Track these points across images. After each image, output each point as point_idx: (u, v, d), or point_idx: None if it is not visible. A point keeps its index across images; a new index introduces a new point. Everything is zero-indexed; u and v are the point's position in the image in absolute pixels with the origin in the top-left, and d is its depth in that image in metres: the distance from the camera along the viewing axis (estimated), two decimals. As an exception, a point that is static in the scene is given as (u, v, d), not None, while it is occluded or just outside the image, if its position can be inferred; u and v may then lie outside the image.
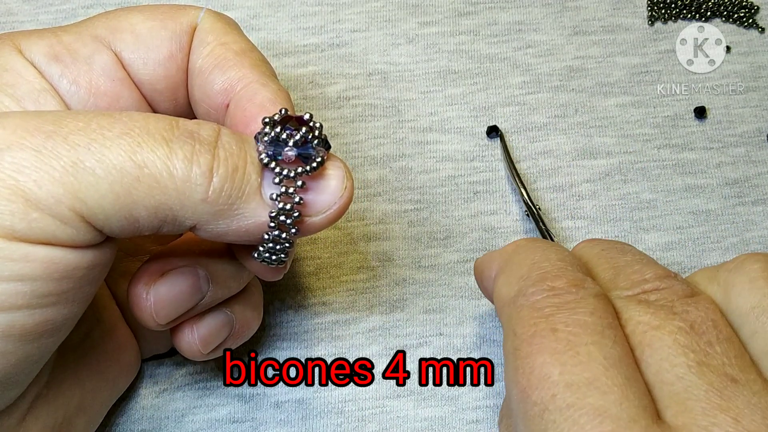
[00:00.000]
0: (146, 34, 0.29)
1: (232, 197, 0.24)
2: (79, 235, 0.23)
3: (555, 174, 0.40)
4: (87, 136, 0.23)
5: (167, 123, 0.24)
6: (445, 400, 0.35)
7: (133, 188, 0.23)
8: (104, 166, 0.22)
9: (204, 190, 0.24)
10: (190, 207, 0.24)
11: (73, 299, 0.24)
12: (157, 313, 0.28)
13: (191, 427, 0.34)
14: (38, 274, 0.22)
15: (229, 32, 0.29)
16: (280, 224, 0.25)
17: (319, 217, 0.26)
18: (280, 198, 0.25)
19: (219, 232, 0.25)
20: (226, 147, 0.24)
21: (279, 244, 0.26)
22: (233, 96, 0.28)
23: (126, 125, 0.23)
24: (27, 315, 0.23)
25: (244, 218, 0.25)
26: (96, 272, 0.24)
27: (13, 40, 0.28)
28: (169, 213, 0.24)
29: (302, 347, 0.36)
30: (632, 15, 0.44)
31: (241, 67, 0.28)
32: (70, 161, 0.22)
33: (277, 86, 0.28)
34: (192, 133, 0.24)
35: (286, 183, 0.25)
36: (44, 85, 0.28)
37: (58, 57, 0.28)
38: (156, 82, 0.29)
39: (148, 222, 0.24)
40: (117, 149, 0.23)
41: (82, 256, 0.23)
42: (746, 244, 0.38)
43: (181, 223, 0.24)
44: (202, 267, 0.29)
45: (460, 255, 0.38)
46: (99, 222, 0.23)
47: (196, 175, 0.23)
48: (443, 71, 0.42)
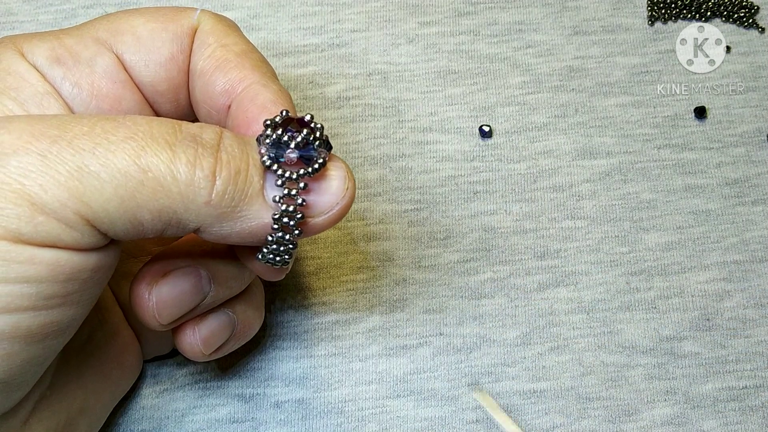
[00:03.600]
0: (147, 36, 0.29)
1: (235, 200, 0.24)
2: (84, 238, 0.23)
3: (555, 174, 0.40)
4: (91, 141, 0.23)
5: (170, 127, 0.24)
6: (445, 400, 0.35)
7: (137, 192, 0.23)
8: (109, 170, 0.23)
9: (207, 193, 0.24)
10: (193, 210, 0.24)
11: (78, 301, 0.24)
12: (160, 314, 0.28)
13: (191, 427, 0.34)
14: (44, 277, 0.22)
15: (230, 34, 0.29)
16: (284, 226, 0.25)
17: (321, 218, 0.26)
18: (283, 200, 0.25)
19: (223, 234, 0.25)
20: (228, 150, 0.24)
21: (282, 245, 0.26)
22: (235, 97, 0.28)
23: (130, 129, 0.23)
24: (32, 317, 0.23)
25: (247, 220, 0.25)
26: (101, 274, 0.24)
27: (15, 43, 0.28)
28: (173, 216, 0.24)
29: (302, 347, 0.36)
30: (632, 15, 0.44)
31: (242, 68, 0.28)
32: (75, 166, 0.22)
33: (278, 87, 0.28)
34: (195, 137, 0.24)
35: (289, 185, 0.25)
36: (47, 88, 0.28)
37: (60, 60, 0.28)
38: (157, 83, 0.29)
39: (152, 225, 0.24)
40: (121, 153, 0.23)
41: (87, 258, 0.23)
42: (746, 244, 0.38)
43: (185, 226, 0.24)
44: (204, 267, 0.29)
45: (460, 255, 0.38)
46: (104, 225, 0.23)
47: (199, 179, 0.23)
48: (443, 71, 0.42)
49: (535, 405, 0.35)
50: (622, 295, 0.37)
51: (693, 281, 0.37)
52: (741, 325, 0.37)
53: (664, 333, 0.36)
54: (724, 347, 0.36)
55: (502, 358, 0.36)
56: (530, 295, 0.37)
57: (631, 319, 0.37)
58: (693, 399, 0.35)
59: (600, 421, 0.35)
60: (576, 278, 0.37)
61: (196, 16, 0.30)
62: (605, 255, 0.38)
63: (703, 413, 0.35)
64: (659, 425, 0.35)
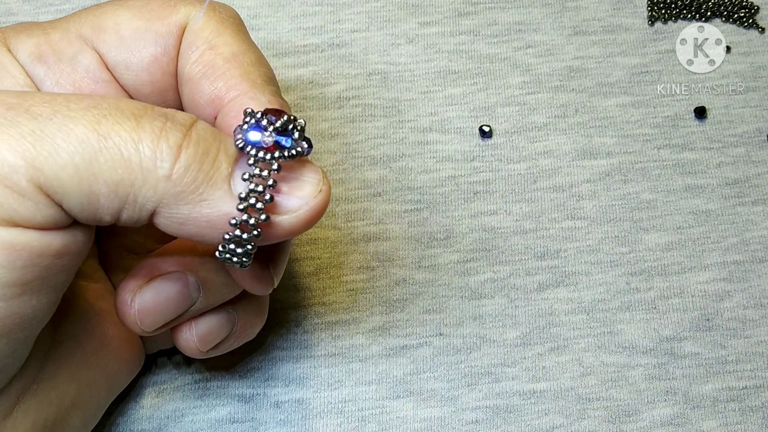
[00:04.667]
0: (130, 35, 0.28)
1: (198, 180, 0.23)
2: (40, 211, 0.22)
3: (555, 174, 0.40)
4: (51, 108, 0.22)
5: (141, 104, 0.23)
6: (445, 401, 0.35)
7: (94, 160, 0.22)
8: (65, 135, 0.21)
9: (169, 166, 0.23)
10: (152, 184, 0.22)
11: (40, 290, 0.23)
12: (142, 321, 0.27)
13: (191, 427, 0.34)
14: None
15: (222, 32, 0.28)
16: (248, 208, 0.24)
17: (287, 217, 0.24)
18: (253, 179, 0.24)
19: (180, 218, 0.23)
20: (200, 132, 0.24)
21: (241, 246, 0.25)
22: (221, 109, 0.26)
23: (94, 100, 0.23)
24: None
25: (207, 206, 0.23)
26: (65, 261, 0.23)
27: (5, 35, 0.28)
28: (131, 191, 0.22)
29: (302, 347, 0.36)
30: (632, 15, 0.44)
31: (229, 77, 0.27)
32: (29, 129, 0.21)
33: (267, 98, 0.26)
34: (166, 114, 0.23)
35: (261, 165, 0.24)
36: (28, 82, 0.27)
37: (42, 57, 0.27)
38: (141, 86, 0.28)
39: (109, 202, 0.22)
40: (81, 119, 0.22)
41: (48, 240, 0.22)
42: (746, 244, 0.38)
43: (141, 205, 0.23)
44: (193, 273, 0.28)
45: (460, 255, 0.38)
46: (58, 195, 0.22)
47: (162, 150, 0.22)
48: (443, 71, 0.42)
49: (534, 405, 0.35)
50: (622, 296, 0.37)
51: (693, 281, 0.37)
52: (741, 325, 0.37)
53: (664, 333, 0.36)
54: (724, 347, 0.36)
55: (501, 359, 0.36)
56: (530, 295, 0.37)
57: (631, 320, 0.37)
58: (693, 399, 0.35)
59: (600, 422, 0.35)
60: (576, 278, 0.37)
61: (199, 17, 0.28)
62: (605, 255, 0.38)
63: (703, 413, 0.35)
64: (659, 425, 0.35)
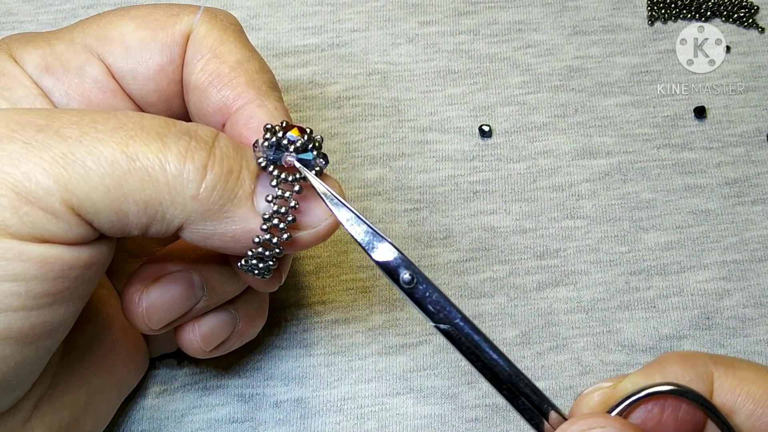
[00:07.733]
0: (135, 46, 0.28)
1: (223, 198, 0.24)
2: (72, 230, 0.22)
3: (555, 174, 0.40)
4: (79, 130, 0.23)
5: (163, 120, 0.24)
6: (445, 398, 0.35)
7: (123, 181, 0.22)
8: (95, 158, 0.22)
9: (196, 186, 0.23)
10: (180, 203, 0.23)
11: (69, 299, 0.24)
12: (149, 318, 0.28)
13: (191, 427, 0.34)
14: (33, 274, 0.22)
15: (225, 40, 0.28)
16: (272, 228, 0.25)
17: (307, 232, 0.26)
18: (276, 201, 0.25)
19: (205, 234, 0.24)
20: (223, 149, 0.24)
21: (263, 261, 0.26)
22: (229, 117, 0.27)
23: (120, 120, 0.23)
24: (23, 317, 0.22)
25: (232, 222, 0.24)
26: (92, 272, 0.24)
27: (9, 46, 0.28)
28: (159, 209, 0.23)
29: (302, 346, 0.36)
30: (632, 15, 0.44)
31: (236, 84, 0.27)
32: (60, 152, 0.22)
33: (273, 105, 0.27)
34: (189, 131, 0.24)
35: (284, 186, 0.25)
36: (39, 91, 0.28)
37: (50, 69, 0.28)
38: (147, 95, 0.29)
39: (137, 219, 0.23)
40: (109, 141, 0.23)
41: (77, 254, 0.23)
42: (745, 243, 0.38)
43: (169, 221, 0.24)
44: (197, 272, 0.28)
45: (460, 255, 0.38)
46: (89, 215, 0.23)
47: (189, 171, 0.23)
48: (443, 71, 0.42)
49: (534, 404, 0.35)
50: (621, 295, 0.37)
51: (692, 280, 0.37)
52: (740, 324, 0.37)
53: (663, 332, 0.36)
54: (723, 346, 0.36)
55: (501, 358, 0.36)
56: (529, 294, 0.37)
57: (630, 318, 0.37)
58: (693, 398, 0.35)
59: (599, 421, 0.35)
60: (575, 278, 0.37)
61: (197, 20, 0.29)
62: (605, 254, 0.38)
63: (703, 413, 0.35)
64: (659, 424, 0.35)
